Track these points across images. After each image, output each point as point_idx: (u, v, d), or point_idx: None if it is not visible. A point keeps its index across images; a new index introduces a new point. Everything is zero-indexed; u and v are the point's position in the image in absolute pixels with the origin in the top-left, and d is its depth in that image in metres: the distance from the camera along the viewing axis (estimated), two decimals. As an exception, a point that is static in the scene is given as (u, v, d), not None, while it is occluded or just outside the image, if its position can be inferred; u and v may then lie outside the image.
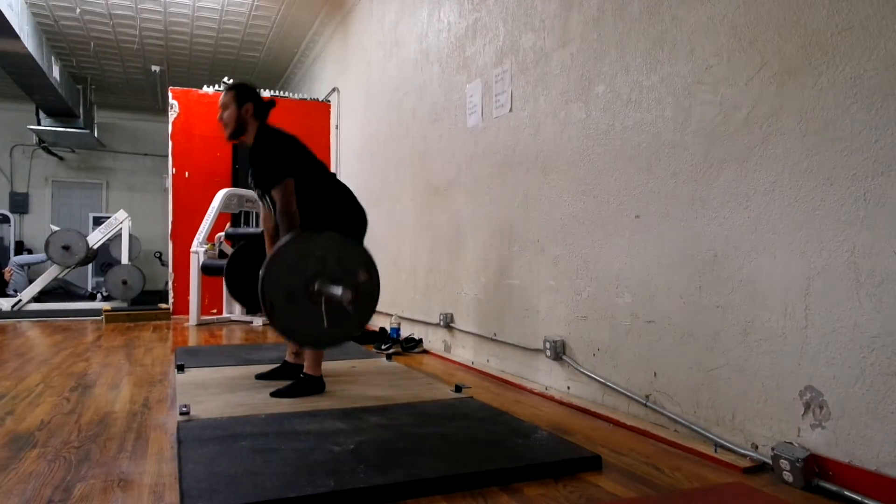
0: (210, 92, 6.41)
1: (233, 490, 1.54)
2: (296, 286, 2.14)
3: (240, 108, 2.64)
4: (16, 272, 7.54)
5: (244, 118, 2.64)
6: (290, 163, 2.56)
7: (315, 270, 2.15)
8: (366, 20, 5.64)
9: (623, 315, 2.41)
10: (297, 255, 2.16)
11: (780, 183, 1.80)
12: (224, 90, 2.70)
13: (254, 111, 2.65)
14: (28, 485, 1.65)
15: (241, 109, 2.64)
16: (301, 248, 2.17)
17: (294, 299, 2.13)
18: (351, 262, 2.23)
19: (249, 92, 2.69)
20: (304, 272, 2.15)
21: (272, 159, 2.56)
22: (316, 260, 2.16)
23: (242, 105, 2.64)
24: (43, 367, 3.44)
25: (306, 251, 2.17)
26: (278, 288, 2.11)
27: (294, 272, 2.14)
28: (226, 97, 2.66)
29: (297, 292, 2.14)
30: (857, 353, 1.59)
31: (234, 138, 2.71)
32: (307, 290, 2.14)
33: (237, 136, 2.69)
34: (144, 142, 10.92)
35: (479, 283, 3.48)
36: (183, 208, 6.14)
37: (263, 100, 2.70)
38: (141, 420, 2.33)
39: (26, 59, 6.21)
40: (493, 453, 1.85)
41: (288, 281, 2.13)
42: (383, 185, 5.10)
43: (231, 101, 2.64)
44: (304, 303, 2.14)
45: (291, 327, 2.16)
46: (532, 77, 3.03)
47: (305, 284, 2.14)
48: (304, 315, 2.14)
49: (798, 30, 1.76)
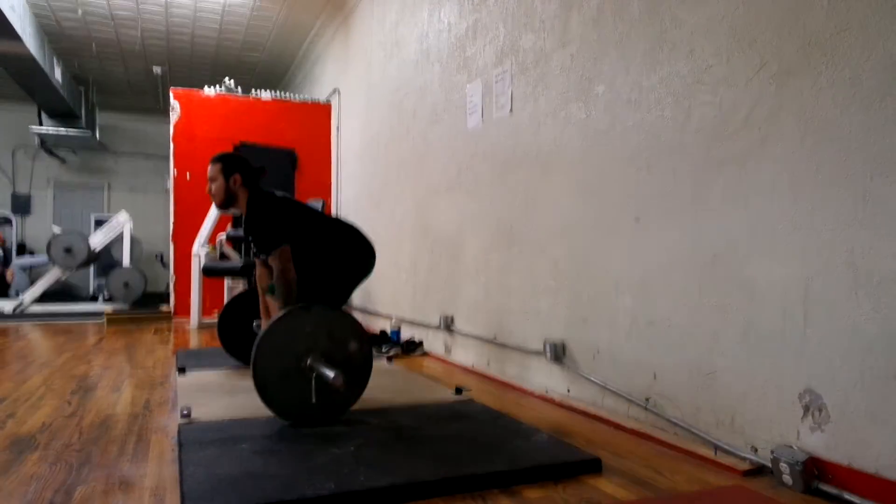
0: (211, 93, 6.42)
1: (233, 492, 1.55)
2: (288, 364, 2.18)
3: (227, 179, 2.59)
4: (18, 274, 7.56)
5: (233, 189, 2.60)
6: (283, 229, 2.52)
7: (306, 346, 2.20)
8: (366, 21, 5.64)
9: (623, 317, 2.41)
10: (286, 333, 2.20)
11: (780, 183, 1.80)
12: (210, 162, 2.64)
13: (242, 181, 2.60)
14: (29, 487, 1.66)
15: (228, 181, 2.59)
16: (290, 326, 2.21)
17: (288, 377, 2.18)
18: (341, 334, 2.28)
19: (236, 162, 2.64)
20: (295, 349, 2.19)
21: (266, 228, 2.53)
22: (306, 336, 2.21)
23: (230, 176, 2.59)
24: (44, 369, 3.45)
25: (296, 328, 2.21)
26: (271, 368, 2.16)
27: (285, 350, 2.18)
28: (213, 170, 2.61)
29: (290, 370, 2.18)
30: (857, 355, 1.59)
31: (225, 209, 2.67)
32: (299, 366, 2.19)
33: (227, 207, 2.65)
34: (146, 143, 10.93)
35: (480, 285, 3.48)
36: (184, 210, 6.15)
37: (252, 167, 2.66)
38: (142, 423, 2.33)
39: (28, 60, 6.22)
40: (493, 456, 1.85)
41: (280, 360, 2.17)
42: (384, 186, 5.10)
43: (218, 174, 2.60)
44: (297, 380, 2.18)
45: (286, 408, 2.20)
46: (532, 77, 3.03)
47: (297, 361, 2.19)
48: (299, 392, 2.18)
49: (797, 30, 1.76)
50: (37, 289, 6.62)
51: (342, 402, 2.27)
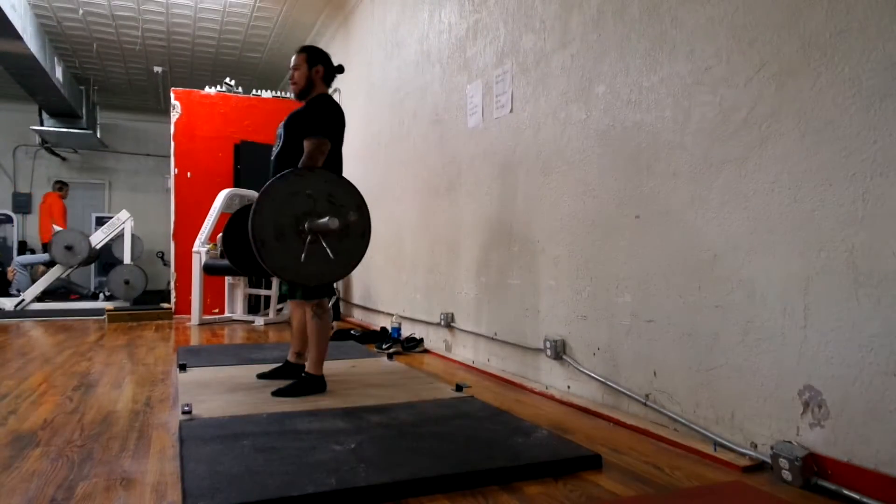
0: (212, 93, 6.42)
1: (234, 489, 1.55)
2: (286, 223, 2.13)
3: (311, 68, 2.73)
4: (19, 272, 7.56)
5: (314, 79, 2.74)
6: (336, 131, 2.67)
7: (305, 208, 2.15)
8: (367, 21, 5.65)
9: (623, 314, 2.42)
10: (287, 192, 2.15)
11: (780, 183, 1.80)
12: (297, 52, 2.79)
13: (324, 74, 2.76)
14: (31, 483, 1.67)
15: (311, 70, 2.73)
16: (292, 186, 2.16)
17: (284, 236, 2.12)
18: (342, 201, 2.22)
19: (321, 55, 2.79)
20: (295, 209, 2.14)
21: (327, 116, 2.65)
22: (306, 198, 2.16)
23: (314, 66, 2.73)
24: (46, 366, 3.46)
25: (297, 189, 2.16)
26: (268, 225, 2.11)
27: (284, 209, 2.13)
28: (298, 59, 2.75)
29: (287, 230, 2.13)
30: (856, 352, 1.60)
31: (302, 98, 2.78)
32: (297, 227, 2.14)
33: (305, 96, 2.77)
34: (147, 142, 10.93)
35: (480, 283, 3.49)
36: (185, 208, 6.15)
37: (332, 66, 2.80)
38: (143, 419, 2.34)
39: (29, 59, 6.22)
40: (493, 452, 1.85)
41: (278, 218, 2.12)
42: (384, 186, 5.11)
43: (303, 62, 2.73)
44: (294, 240, 2.14)
45: (281, 264, 2.14)
46: (532, 78, 3.03)
47: (296, 222, 2.14)
48: (294, 252, 2.13)
49: (797, 31, 1.77)
50: (38, 286, 6.63)
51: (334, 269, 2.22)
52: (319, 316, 2.67)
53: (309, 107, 2.72)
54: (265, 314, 5.76)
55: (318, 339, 2.68)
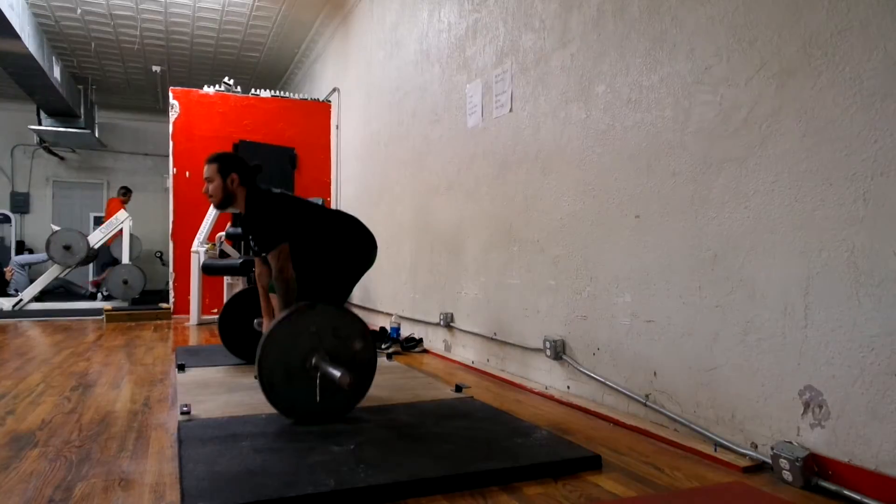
0: (211, 92, 6.41)
1: (233, 489, 1.55)
2: (293, 364, 2.17)
3: (224, 179, 2.56)
4: (17, 272, 7.55)
5: (231, 189, 2.57)
6: (282, 227, 2.51)
7: (311, 345, 2.19)
8: (366, 21, 5.64)
9: (623, 314, 2.41)
10: (291, 333, 2.19)
11: (780, 183, 1.80)
12: (206, 162, 2.61)
13: (240, 180, 2.58)
14: (29, 484, 1.66)
15: (226, 181, 2.56)
16: (295, 326, 2.21)
17: (292, 377, 2.17)
18: (346, 332, 2.27)
19: (233, 161, 2.61)
20: (300, 349, 2.19)
21: (265, 226, 2.52)
22: (311, 335, 2.20)
23: (227, 176, 2.56)
24: (44, 366, 3.45)
25: (301, 329, 2.20)
26: (276, 367, 2.15)
27: (290, 350, 2.18)
28: (209, 170, 2.59)
29: (295, 370, 2.18)
30: (857, 352, 1.59)
31: (223, 209, 2.66)
32: (304, 366, 2.18)
33: (225, 207, 2.63)
34: (145, 142, 10.92)
35: (480, 283, 3.48)
36: (183, 208, 6.14)
37: (248, 166, 2.64)
38: (142, 419, 2.33)
39: (27, 59, 6.21)
40: (493, 453, 1.85)
41: (285, 360, 2.17)
42: (384, 185, 5.10)
43: (215, 174, 2.57)
44: (302, 379, 2.18)
45: (291, 406, 2.19)
46: (532, 77, 3.03)
47: (302, 361, 2.18)
48: (304, 392, 2.18)
49: (798, 30, 1.76)
50: (36, 286, 6.61)
51: (347, 400, 2.27)
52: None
53: (247, 221, 2.61)
54: (264, 314, 5.75)
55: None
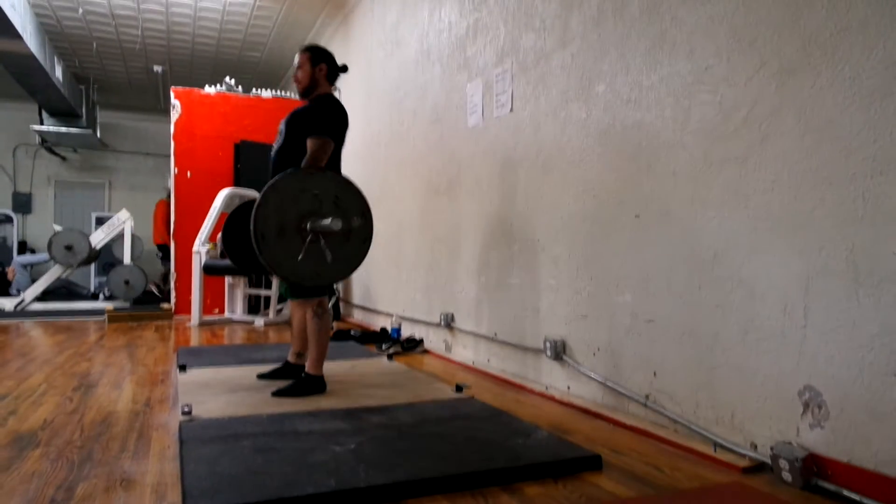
0: (212, 92, 6.42)
1: (234, 489, 1.55)
2: (289, 220, 2.12)
3: (314, 67, 2.73)
4: (18, 272, 7.56)
5: (317, 77, 2.74)
6: (339, 132, 2.66)
7: (310, 207, 2.14)
8: (367, 20, 5.64)
9: (623, 314, 2.41)
10: (295, 188, 2.14)
11: (780, 182, 1.80)
12: (300, 51, 2.79)
13: (327, 73, 2.76)
14: (31, 484, 1.66)
15: (315, 69, 2.73)
16: (300, 183, 2.15)
17: (285, 233, 2.12)
18: (347, 204, 2.21)
19: (325, 54, 2.79)
20: (300, 207, 2.13)
21: (331, 116, 2.64)
22: (313, 197, 2.15)
23: (317, 65, 2.74)
24: (45, 366, 3.46)
25: (305, 186, 2.15)
26: (271, 220, 2.10)
27: (289, 206, 2.12)
28: (301, 57, 2.75)
29: (289, 227, 2.12)
30: (856, 352, 1.59)
31: (306, 96, 2.78)
32: (300, 225, 2.13)
33: (309, 94, 2.77)
34: (147, 142, 10.93)
35: (480, 283, 3.49)
36: (185, 208, 6.15)
37: (336, 64, 2.81)
38: (143, 420, 2.34)
39: (29, 59, 6.22)
40: (493, 453, 1.85)
41: (282, 214, 2.11)
42: (384, 185, 5.11)
43: (306, 61, 2.74)
44: (294, 238, 2.13)
45: (278, 260, 2.13)
46: (532, 77, 3.03)
47: (298, 220, 2.13)
48: (293, 250, 2.12)
49: (797, 30, 1.76)
50: (37, 286, 6.63)
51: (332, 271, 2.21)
52: (319, 316, 2.67)
53: (312, 106, 2.72)
54: (265, 314, 5.76)
55: (317, 339, 2.67)
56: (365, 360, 3.59)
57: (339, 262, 2.19)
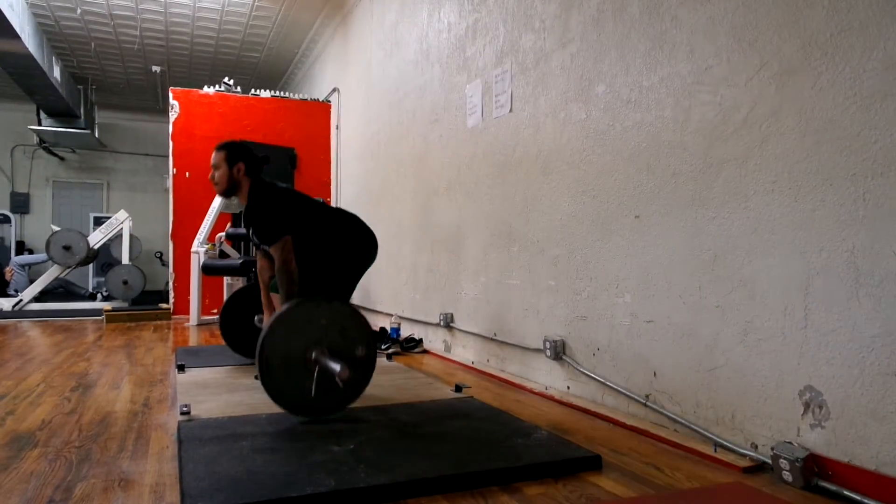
0: (211, 92, 6.41)
1: (233, 489, 1.55)
2: (294, 350, 2.16)
3: (231, 167, 2.61)
4: (17, 272, 7.55)
5: (236, 178, 2.62)
6: (285, 219, 2.53)
7: (316, 337, 2.18)
8: (366, 21, 5.64)
9: (623, 315, 2.41)
10: (303, 319, 2.18)
11: (780, 183, 1.80)
12: (215, 149, 2.66)
13: (246, 170, 2.62)
14: (29, 484, 1.66)
15: (232, 169, 2.61)
16: (309, 314, 2.19)
17: (290, 363, 2.15)
18: (353, 334, 2.26)
19: (241, 151, 2.65)
20: (306, 338, 2.17)
21: (268, 218, 2.54)
22: (320, 327, 2.19)
23: (234, 165, 2.61)
24: (44, 366, 3.45)
25: (313, 317, 2.19)
26: (278, 349, 2.14)
27: (296, 336, 2.16)
28: (217, 157, 2.63)
29: (295, 357, 2.16)
30: (857, 352, 1.59)
31: (227, 197, 2.70)
32: (304, 356, 2.17)
33: (230, 195, 2.67)
34: (145, 142, 10.92)
35: (479, 283, 3.48)
36: (184, 208, 6.14)
37: (256, 157, 2.68)
38: (142, 420, 2.33)
39: (27, 59, 6.21)
40: (493, 453, 1.85)
41: (289, 344, 2.15)
42: (383, 186, 5.10)
43: (222, 161, 2.62)
44: (298, 369, 2.16)
45: (281, 391, 2.17)
46: (532, 77, 3.03)
47: (304, 350, 2.17)
48: (296, 381, 2.16)
49: (797, 30, 1.76)
50: (36, 287, 6.61)
51: (337, 400, 2.25)
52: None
53: (250, 212, 2.62)
54: (264, 314, 5.75)
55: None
56: (364, 360, 3.58)
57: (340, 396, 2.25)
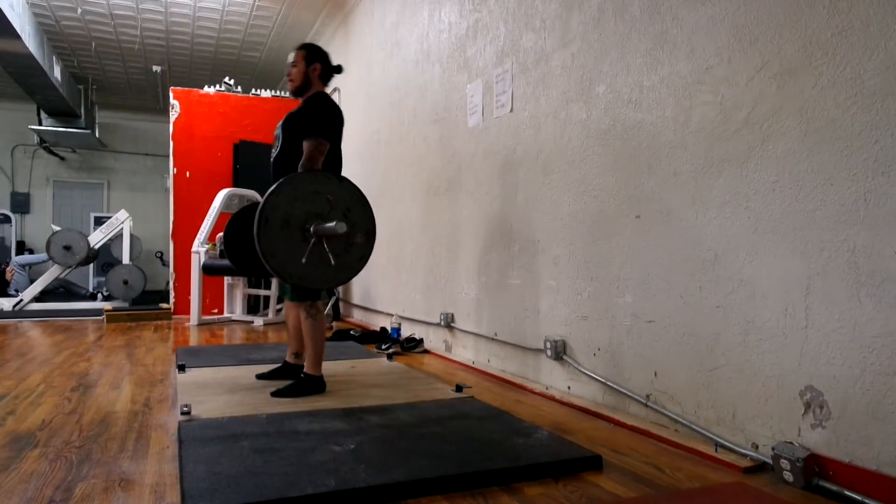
0: (211, 92, 6.41)
1: (234, 489, 1.55)
2: (295, 215, 2.12)
3: (308, 66, 2.72)
4: (17, 272, 7.55)
5: (311, 77, 2.74)
6: (334, 131, 2.65)
7: (319, 210, 2.14)
8: (366, 20, 5.64)
9: (623, 315, 2.41)
10: (310, 188, 2.14)
11: (781, 183, 1.80)
12: (295, 49, 2.78)
13: (321, 72, 2.75)
14: (29, 484, 1.66)
15: (308, 68, 2.72)
16: (317, 185, 2.15)
17: (289, 226, 2.11)
18: (356, 219, 2.21)
19: (319, 53, 2.78)
20: (309, 206, 2.13)
21: (325, 116, 2.64)
22: (325, 201, 2.14)
23: (311, 64, 2.73)
24: (44, 366, 3.45)
25: (320, 189, 2.15)
26: (280, 209, 2.10)
27: (301, 202, 2.12)
28: (295, 55, 2.75)
29: (295, 222, 2.12)
30: (858, 352, 1.59)
31: (299, 95, 2.78)
32: (304, 224, 2.13)
33: (302, 94, 2.76)
34: (145, 142, 10.93)
35: (480, 283, 3.48)
36: (184, 208, 6.14)
37: (331, 64, 2.80)
38: (142, 420, 2.33)
39: (27, 59, 6.22)
40: (493, 453, 1.85)
41: (291, 207, 2.11)
42: (384, 185, 5.10)
43: (300, 60, 2.73)
44: (294, 234, 2.12)
45: (273, 250, 2.12)
46: (533, 77, 3.03)
47: (305, 219, 2.13)
48: (290, 244, 2.11)
49: (798, 30, 1.76)
50: (36, 287, 6.61)
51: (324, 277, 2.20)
52: (313, 316, 2.66)
53: (306, 106, 2.71)
54: (264, 314, 5.76)
55: (313, 340, 2.67)
56: (365, 359, 3.58)
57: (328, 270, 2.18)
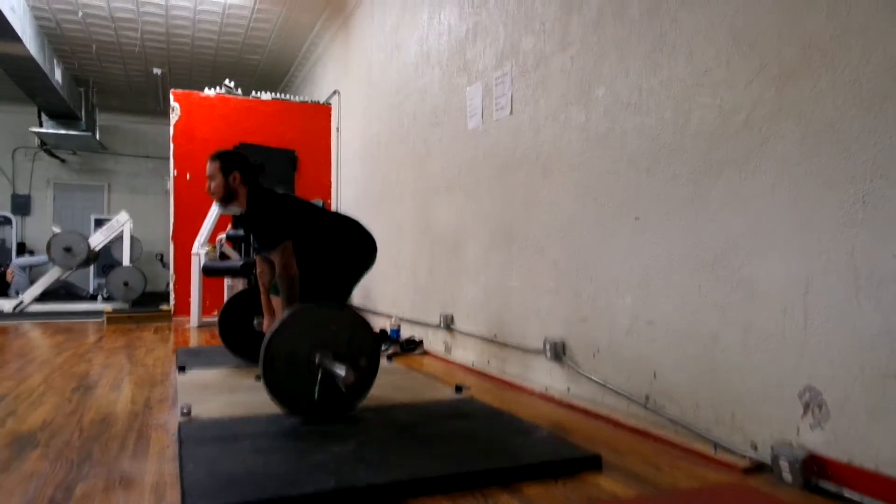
0: (211, 94, 6.43)
1: (233, 489, 1.55)
2: (300, 351, 2.16)
3: (226, 177, 2.61)
4: (17, 274, 7.55)
5: (233, 186, 2.62)
6: (284, 225, 2.54)
7: (323, 341, 2.18)
8: (366, 23, 5.65)
9: (623, 316, 2.41)
10: (313, 321, 2.19)
11: (780, 185, 1.81)
12: (209, 160, 2.66)
13: (241, 178, 2.63)
14: (30, 484, 1.66)
15: (227, 178, 2.61)
16: (321, 316, 2.20)
17: (295, 363, 2.16)
18: (359, 345, 2.26)
19: (235, 159, 2.66)
20: (314, 340, 2.17)
21: (267, 224, 2.55)
22: (329, 333, 2.19)
23: (229, 174, 2.61)
24: (44, 367, 3.45)
25: (324, 320, 2.20)
26: (285, 347, 2.14)
27: (305, 337, 2.17)
28: (211, 167, 2.63)
29: (300, 357, 2.16)
30: (856, 353, 1.60)
31: (225, 205, 2.69)
32: (309, 358, 2.17)
33: (227, 204, 2.68)
34: (146, 144, 10.93)
35: (480, 285, 3.49)
36: (184, 210, 6.15)
37: (251, 164, 2.68)
38: (142, 420, 2.33)
39: (28, 61, 6.22)
40: (493, 453, 1.85)
41: (296, 344, 2.16)
42: (384, 187, 5.11)
43: (217, 171, 2.61)
44: (301, 369, 2.17)
45: (281, 389, 2.17)
46: (532, 80, 3.04)
47: (310, 352, 2.17)
48: (298, 382, 2.17)
49: (797, 33, 1.77)
50: (36, 288, 6.61)
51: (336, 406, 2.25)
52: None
53: (249, 219, 2.64)
54: (264, 316, 5.75)
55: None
56: (364, 361, 3.58)
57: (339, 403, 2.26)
